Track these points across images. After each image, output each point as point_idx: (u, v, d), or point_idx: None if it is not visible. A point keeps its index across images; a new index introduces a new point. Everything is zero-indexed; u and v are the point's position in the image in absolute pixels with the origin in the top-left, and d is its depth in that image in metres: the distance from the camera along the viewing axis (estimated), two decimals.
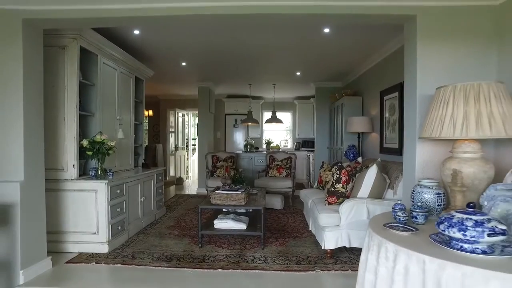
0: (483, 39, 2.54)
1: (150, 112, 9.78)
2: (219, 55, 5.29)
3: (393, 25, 3.55)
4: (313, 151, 8.27)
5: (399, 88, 4.30)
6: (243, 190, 3.96)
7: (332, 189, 3.56)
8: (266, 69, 6.26)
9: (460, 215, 1.54)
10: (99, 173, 3.68)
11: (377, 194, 3.39)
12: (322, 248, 3.35)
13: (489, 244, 1.48)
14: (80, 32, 3.43)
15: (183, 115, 10.34)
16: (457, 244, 1.53)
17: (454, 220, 1.54)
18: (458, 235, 1.49)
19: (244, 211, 4.35)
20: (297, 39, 4.43)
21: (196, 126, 11.70)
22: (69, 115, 3.48)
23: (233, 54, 5.18)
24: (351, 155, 5.49)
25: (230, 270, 3.10)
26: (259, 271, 3.08)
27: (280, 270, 3.10)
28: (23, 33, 2.72)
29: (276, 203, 5.73)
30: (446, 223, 1.56)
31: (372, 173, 3.35)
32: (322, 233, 3.35)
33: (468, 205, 1.59)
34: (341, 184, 3.53)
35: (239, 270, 3.09)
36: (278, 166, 6.63)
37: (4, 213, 2.64)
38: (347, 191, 3.53)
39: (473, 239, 1.46)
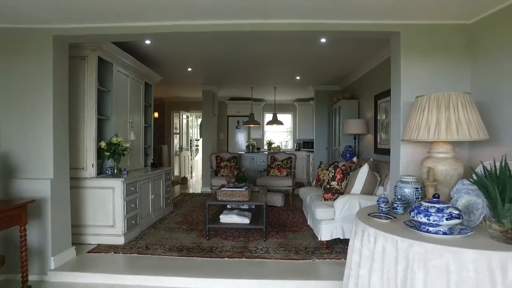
0: (458, 53, 2.88)
1: (156, 114, 10.13)
2: (222, 61, 5.64)
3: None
4: (313, 151, 8.61)
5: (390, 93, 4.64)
6: (246, 187, 4.31)
7: (328, 186, 3.91)
8: (267, 74, 6.60)
9: (426, 204, 1.89)
10: (115, 172, 4.03)
11: (368, 190, 3.74)
12: (319, 239, 3.70)
13: (448, 226, 1.83)
14: (98, 44, 3.78)
15: (187, 117, 10.70)
16: (424, 227, 1.88)
17: (421, 208, 1.88)
18: (424, 220, 1.84)
19: (247, 207, 4.70)
20: (295, 48, 4.77)
21: (198, 127, 12.07)
22: (89, 119, 3.84)
23: (235, 60, 5.53)
24: (348, 155, 5.83)
25: (235, 259, 3.45)
26: (261, 259, 3.43)
27: (281, 259, 3.44)
28: (53, 48, 3.08)
29: (277, 200, 6.08)
30: (415, 211, 1.91)
31: (363, 171, 3.69)
32: (318, 226, 3.70)
33: (433, 196, 1.94)
34: (336, 182, 3.88)
35: (244, 259, 3.44)
36: (279, 166, 6.98)
37: (38, 207, 2.99)
38: (342, 188, 3.88)
39: (435, 222, 1.80)
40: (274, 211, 5.71)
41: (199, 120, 12.12)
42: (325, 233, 3.61)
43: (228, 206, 4.65)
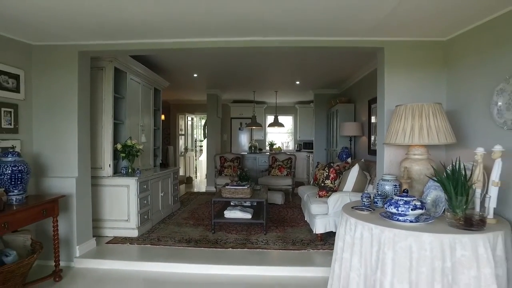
0: (435, 67, 3.26)
1: (162, 117, 10.54)
2: (226, 68, 6.03)
3: None
4: (313, 152, 8.99)
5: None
6: (248, 186, 4.71)
7: (323, 184, 4.30)
8: (268, 78, 6.99)
9: (397, 198, 2.28)
10: (130, 171, 4.44)
11: (359, 188, 4.12)
12: (314, 232, 4.09)
13: (415, 215, 2.21)
14: (115, 55, 4.19)
15: (192, 119, 11.11)
16: (395, 217, 2.26)
17: (392, 201, 2.27)
18: (394, 210, 2.23)
19: (249, 204, 5.09)
20: (294, 56, 5.16)
21: (201, 127, 12.49)
22: (106, 124, 4.25)
23: (238, 66, 5.92)
24: (344, 156, 6.21)
25: (238, 249, 3.85)
26: (261, 250, 3.83)
27: (279, 249, 3.84)
28: (78, 61, 3.50)
29: (278, 199, 6.46)
30: (388, 203, 2.30)
31: (354, 171, 4.08)
32: (313, 220, 4.09)
33: (403, 191, 2.33)
34: (330, 181, 4.27)
35: (246, 249, 3.84)
36: (280, 166, 7.37)
37: (65, 202, 3.40)
38: (335, 186, 4.26)
39: (403, 212, 2.19)
40: (274, 208, 6.10)
41: (203, 121, 12.53)
42: (319, 227, 4.00)
43: (231, 203, 5.04)
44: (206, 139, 10.38)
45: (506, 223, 2.23)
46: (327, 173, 4.28)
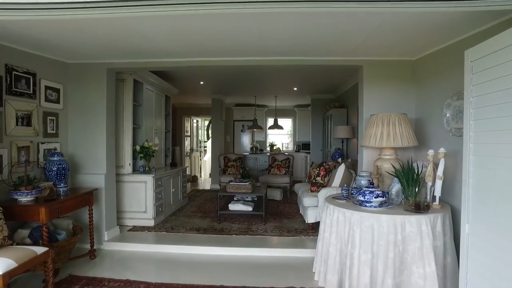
0: (405, 82, 3.90)
1: None
2: (230, 76, 6.67)
3: None
4: (310, 152, 9.63)
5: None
6: (250, 182, 5.37)
7: (314, 181, 4.95)
8: (268, 85, 7.63)
9: (365, 188, 2.93)
10: (146, 169, 5.11)
11: (345, 184, 4.74)
12: (306, 222, 4.73)
13: (378, 202, 2.86)
14: (135, 70, 4.85)
15: (197, 121, 11.77)
16: (364, 204, 2.91)
17: (361, 191, 2.92)
18: (362, 198, 2.88)
19: (250, 199, 5.75)
20: (290, 68, 5.79)
21: (205, 128, 13.15)
22: (126, 128, 4.92)
23: (241, 75, 6.55)
24: (336, 156, 6.85)
25: (241, 235, 4.50)
26: (261, 236, 4.48)
27: (276, 236, 4.49)
28: (106, 76, 4.16)
29: (276, 195, 7.11)
30: (358, 193, 2.95)
31: (341, 169, 4.72)
32: (306, 211, 4.73)
33: (369, 183, 2.98)
34: (320, 177, 4.91)
35: (247, 236, 4.49)
36: (279, 165, 8.03)
37: (96, 195, 4.07)
38: (325, 182, 4.91)
39: (368, 199, 2.84)
40: (273, 203, 6.74)
41: (206, 123, 13.19)
42: (310, 217, 4.65)
43: (235, 198, 5.69)
44: (209, 140, 11.04)
45: (448, 207, 2.88)
46: (318, 171, 4.93)
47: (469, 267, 2.28)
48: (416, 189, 2.80)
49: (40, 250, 2.66)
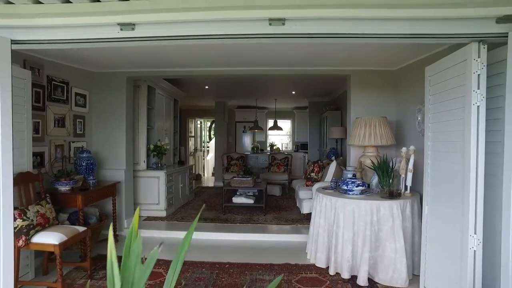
0: (387, 89, 4.48)
1: None
2: (233, 81, 7.25)
3: None
4: (307, 152, 10.21)
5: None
6: (251, 178, 5.95)
7: (309, 176, 5.53)
8: (268, 89, 8.21)
9: (349, 179, 3.51)
10: (159, 166, 5.70)
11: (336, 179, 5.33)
12: (302, 213, 5.31)
13: (359, 191, 3.44)
14: (150, 78, 5.44)
15: (201, 123, 12.36)
16: (347, 192, 3.49)
17: (345, 182, 3.51)
18: (346, 187, 3.46)
19: (252, 193, 6.33)
20: (289, 76, 6.38)
21: (207, 129, 13.74)
22: (141, 129, 5.50)
23: (243, 80, 7.13)
24: (331, 155, 7.42)
25: (243, 224, 5.09)
26: (262, 224, 5.07)
27: (275, 225, 5.07)
28: (126, 84, 4.76)
29: (276, 191, 7.69)
30: (342, 183, 3.53)
31: (332, 166, 5.29)
32: (301, 203, 5.31)
33: (352, 175, 3.56)
34: (314, 173, 5.50)
35: (249, 224, 5.08)
36: (278, 164, 8.61)
37: (119, 187, 4.66)
38: (318, 177, 5.49)
39: (350, 188, 3.42)
40: (273, 198, 7.33)
41: (208, 124, 13.78)
42: (305, 208, 5.22)
43: (237, 192, 6.27)
44: (212, 140, 11.60)
45: (417, 195, 3.46)
46: (312, 167, 5.51)
47: (427, 240, 2.87)
48: (390, 180, 3.39)
49: (80, 229, 3.25)
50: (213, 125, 14.02)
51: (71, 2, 2.02)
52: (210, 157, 13.28)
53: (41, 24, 2.11)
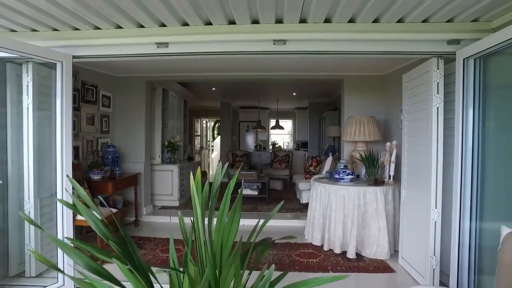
0: (377, 91, 5.07)
1: None
2: (238, 83, 7.86)
3: None
4: (307, 150, 10.81)
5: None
6: (255, 171, 6.55)
7: (308, 170, 6.13)
8: (270, 90, 8.81)
9: (340, 169, 4.11)
10: (172, 160, 6.30)
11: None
12: (301, 202, 5.91)
13: (349, 179, 4.03)
14: (165, 81, 6.05)
15: (206, 122, 12.97)
16: (339, 180, 4.09)
17: (337, 171, 4.10)
18: (338, 176, 4.06)
19: (256, 186, 6.93)
20: (289, 79, 6.98)
21: (212, 129, 14.34)
22: (157, 127, 6.11)
23: (247, 82, 7.74)
24: (329, 152, 8.01)
25: (249, 212, 5.69)
26: (265, 213, 5.67)
27: (277, 213, 5.66)
28: (145, 87, 5.37)
29: (278, 185, 8.29)
30: (335, 173, 4.13)
31: (329, 160, 5.89)
32: (301, 194, 5.91)
33: (343, 166, 4.16)
34: (312, 167, 6.09)
35: (254, 212, 5.68)
36: (280, 160, 9.21)
37: (139, 178, 5.26)
38: (316, 171, 6.09)
39: (342, 177, 4.02)
40: (275, 192, 7.93)
41: (211, 124, 14.38)
42: (304, 198, 5.82)
43: (243, 186, 6.87)
44: (217, 138, 12.17)
45: (399, 183, 4.04)
46: (311, 162, 6.11)
47: (404, 218, 3.46)
48: (375, 170, 3.98)
49: (113, 210, 3.86)
50: (217, 125, 14.66)
51: (122, 28, 2.63)
52: (215, 155, 13.90)
53: (97, 43, 2.72)
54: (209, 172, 13.03)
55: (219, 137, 14.40)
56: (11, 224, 3.15)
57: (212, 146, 14.22)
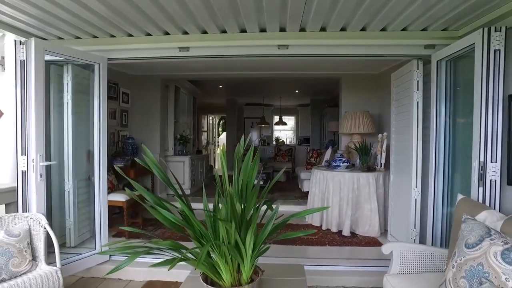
0: (372, 89, 5.55)
1: None
2: (244, 81, 8.35)
3: None
4: (309, 145, 11.30)
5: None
6: (260, 163, 7.07)
7: (309, 161, 6.64)
8: (274, 88, 9.31)
9: (337, 158, 4.61)
10: (184, 152, 6.83)
11: None
12: (302, 191, 6.42)
13: (345, 166, 4.53)
14: (178, 79, 6.57)
15: (212, 118, 13.49)
16: (336, 167, 4.59)
17: (334, 159, 4.61)
18: (335, 164, 4.56)
19: (260, 177, 7.44)
20: (291, 78, 7.47)
21: (217, 125, 14.87)
22: (170, 122, 6.63)
23: (252, 80, 8.24)
24: (329, 145, 8.50)
25: None
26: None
27: (280, 199, 6.18)
28: (160, 85, 5.88)
29: (281, 177, 8.80)
30: (332, 161, 4.63)
31: (328, 152, 6.38)
32: (302, 183, 6.42)
33: (340, 155, 4.66)
34: (313, 158, 6.59)
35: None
36: (283, 154, 9.72)
37: None
38: (316, 162, 6.59)
39: (338, 164, 4.53)
40: (278, 183, 8.43)
41: (217, 120, 14.91)
42: (305, 187, 6.32)
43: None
44: (222, 134, 12.64)
45: (389, 170, 4.54)
46: (311, 154, 6.61)
47: (392, 199, 3.96)
48: (368, 158, 4.48)
49: (136, 193, 4.37)
50: (221, 122, 15.19)
51: (151, 35, 3.14)
52: (220, 150, 14.42)
53: (129, 48, 3.23)
54: (215, 166, 13.57)
55: (224, 133, 14.95)
56: (54, 202, 3.68)
57: (218, 142, 14.75)
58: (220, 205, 1.86)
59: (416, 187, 3.32)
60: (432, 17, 2.69)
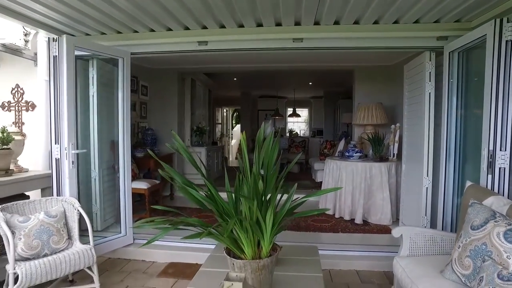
0: (385, 81, 5.59)
1: None
2: (258, 73, 8.47)
3: None
4: (323, 137, 11.37)
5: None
6: None
7: (322, 152, 6.75)
8: (288, 80, 9.38)
9: (350, 148, 4.71)
10: (200, 143, 7.03)
11: None
12: (316, 181, 6.54)
13: (357, 156, 4.64)
14: (194, 72, 6.74)
15: (226, 111, 13.68)
16: (349, 157, 4.70)
17: (348, 150, 4.71)
18: (348, 154, 4.67)
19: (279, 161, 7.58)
20: (305, 70, 7.54)
21: (232, 117, 15.05)
22: (186, 114, 6.83)
23: (266, 72, 8.34)
24: (343, 137, 8.57)
25: None
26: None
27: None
28: (177, 77, 6.07)
29: (294, 168, 8.92)
30: (346, 152, 4.73)
31: (341, 143, 6.46)
32: (315, 173, 6.54)
33: (353, 146, 4.76)
34: (327, 149, 6.70)
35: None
36: (296, 146, 9.84)
37: (173, 158, 6.00)
38: (330, 153, 6.69)
39: (351, 154, 4.63)
40: (292, 174, 8.57)
41: (231, 112, 15.10)
42: (319, 177, 6.45)
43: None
44: (236, 127, 12.83)
45: (401, 160, 4.62)
46: (325, 145, 6.72)
47: (404, 188, 4.06)
48: (380, 148, 4.57)
49: (157, 181, 4.60)
50: (235, 114, 15.36)
51: (172, 30, 3.30)
52: (234, 142, 14.62)
53: (150, 42, 3.41)
54: (229, 158, 13.78)
55: (238, 125, 15.13)
56: (81, 189, 3.92)
57: (232, 134, 14.94)
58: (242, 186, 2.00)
59: (427, 176, 3.41)
60: (445, 9, 2.76)
